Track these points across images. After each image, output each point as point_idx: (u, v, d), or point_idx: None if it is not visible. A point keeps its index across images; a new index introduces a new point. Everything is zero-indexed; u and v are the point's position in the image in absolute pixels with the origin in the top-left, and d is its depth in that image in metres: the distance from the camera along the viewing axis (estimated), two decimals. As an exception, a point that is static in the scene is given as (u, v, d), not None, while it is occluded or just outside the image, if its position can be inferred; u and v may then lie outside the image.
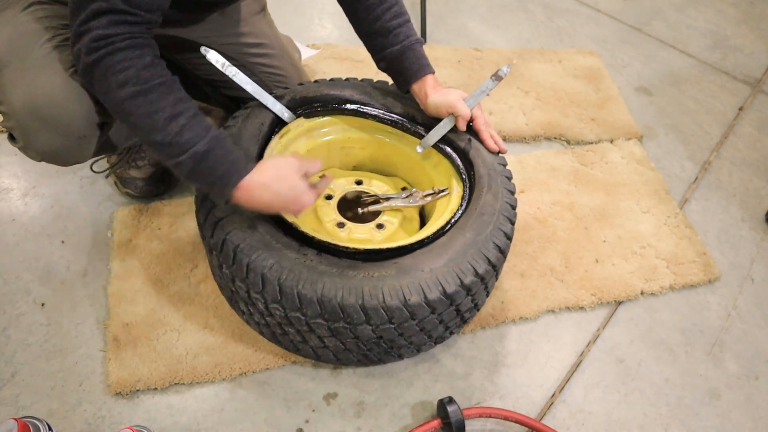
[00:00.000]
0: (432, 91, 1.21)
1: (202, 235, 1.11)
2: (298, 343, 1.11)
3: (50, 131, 1.00)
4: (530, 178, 1.65)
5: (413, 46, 1.19)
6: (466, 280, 1.02)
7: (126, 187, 1.43)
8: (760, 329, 1.40)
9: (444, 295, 1.01)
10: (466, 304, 1.08)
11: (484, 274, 1.05)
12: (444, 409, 1.10)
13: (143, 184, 1.42)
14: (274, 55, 1.38)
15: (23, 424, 0.89)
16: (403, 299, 0.98)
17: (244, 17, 1.34)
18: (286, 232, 1.08)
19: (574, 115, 1.87)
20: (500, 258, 1.09)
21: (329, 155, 1.38)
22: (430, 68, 1.22)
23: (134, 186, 1.42)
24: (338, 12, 1.23)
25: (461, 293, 1.03)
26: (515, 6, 2.33)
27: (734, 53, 2.23)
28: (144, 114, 0.90)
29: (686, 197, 1.67)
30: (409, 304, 0.99)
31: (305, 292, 0.98)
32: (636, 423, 1.21)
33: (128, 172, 1.41)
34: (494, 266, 1.08)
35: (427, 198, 1.26)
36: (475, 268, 1.04)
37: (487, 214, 1.11)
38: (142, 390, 1.15)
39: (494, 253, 1.07)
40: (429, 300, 1.00)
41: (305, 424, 1.14)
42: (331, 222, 1.25)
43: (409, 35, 1.20)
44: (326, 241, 1.06)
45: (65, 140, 1.02)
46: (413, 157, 1.33)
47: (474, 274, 1.03)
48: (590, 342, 1.32)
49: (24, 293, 1.27)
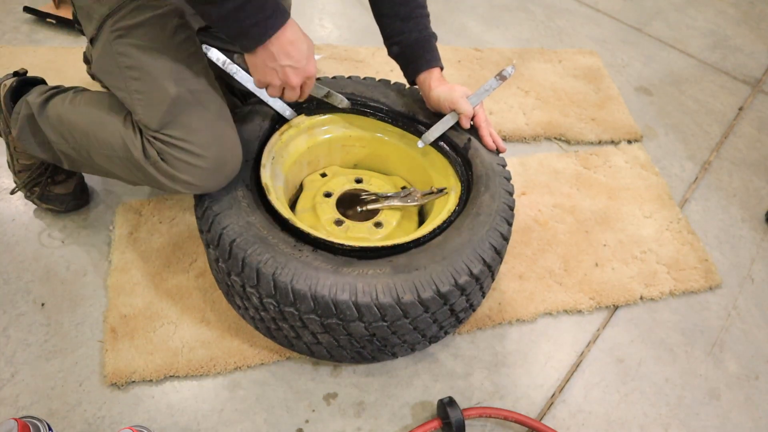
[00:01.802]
0: (436, 83, 1.22)
1: (200, 229, 1.12)
2: (292, 339, 1.11)
3: (222, 177, 1.09)
4: (532, 181, 1.65)
5: (430, 38, 1.22)
6: (460, 279, 1.02)
7: (49, 204, 1.39)
8: (760, 329, 1.40)
9: (437, 294, 1.01)
10: (460, 303, 1.08)
11: (479, 274, 1.05)
12: (444, 410, 1.10)
13: (71, 199, 1.40)
14: None
15: (23, 424, 0.89)
16: (397, 297, 0.99)
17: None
18: (283, 228, 1.08)
19: (574, 115, 1.87)
20: (496, 259, 1.09)
21: (330, 153, 1.38)
22: (440, 63, 1.24)
23: (60, 202, 1.39)
24: (338, 12, 1.23)
25: (455, 293, 1.03)
26: (515, 6, 2.33)
27: (734, 53, 2.23)
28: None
29: (686, 197, 1.67)
30: (402, 303, 0.99)
31: (299, 288, 0.98)
32: (636, 423, 1.21)
33: (52, 190, 1.38)
34: (490, 267, 1.08)
35: (426, 197, 1.27)
36: (470, 268, 1.04)
37: (483, 215, 1.11)
38: (137, 381, 1.15)
39: (490, 253, 1.07)
40: (422, 299, 1.00)
41: (305, 424, 1.14)
42: (329, 219, 1.25)
43: (428, 26, 1.23)
44: (322, 237, 1.07)
45: (224, 183, 1.10)
46: (413, 156, 1.33)
47: (468, 274, 1.03)
48: (590, 342, 1.32)
49: (24, 293, 1.28)
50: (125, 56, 1.06)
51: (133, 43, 1.05)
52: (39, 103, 1.22)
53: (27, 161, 1.34)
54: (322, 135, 1.34)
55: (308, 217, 1.27)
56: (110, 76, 1.10)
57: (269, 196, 1.12)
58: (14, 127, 1.27)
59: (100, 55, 1.10)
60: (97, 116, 1.15)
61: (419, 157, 1.33)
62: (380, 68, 1.91)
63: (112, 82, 1.11)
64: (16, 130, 1.26)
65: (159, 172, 1.09)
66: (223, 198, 1.09)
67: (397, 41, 1.23)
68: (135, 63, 1.06)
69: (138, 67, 1.06)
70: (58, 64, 1.77)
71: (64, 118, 1.20)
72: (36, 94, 1.24)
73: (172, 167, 1.07)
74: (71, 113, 1.19)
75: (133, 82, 1.07)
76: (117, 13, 1.05)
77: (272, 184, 1.17)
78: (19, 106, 1.26)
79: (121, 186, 1.47)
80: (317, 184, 1.35)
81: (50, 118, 1.21)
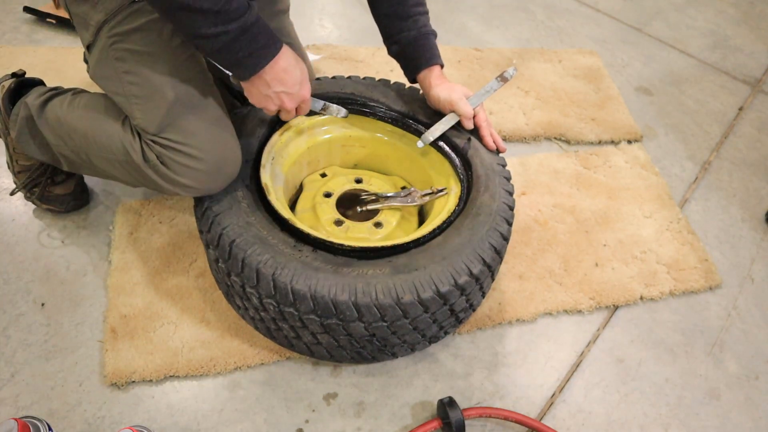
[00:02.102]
0: (437, 82, 1.23)
1: (200, 229, 1.12)
2: (292, 339, 1.11)
3: (221, 179, 1.09)
4: (532, 181, 1.65)
5: (429, 36, 1.22)
6: (460, 280, 1.02)
7: (49, 204, 1.39)
8: (760, 329, 1.40)
9: (437, 295, 1.01)
10: (460, 304, 1.08)
11: (478, 274, 1.05)
12: (444, 410, 1.10)
13: (71, 200, 1.40)
14: None
15: (23, 424, 0.89)
16: (396, 298, 0.99)
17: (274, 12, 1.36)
18: (283, 228, 1.08)
19: (574, 115, 1.87)
20: (496, 259, 1.09)
21: (329, 153, 1.38)
22: (440, 60, 1.24)
23: (60, 202, 1.39)
24: (338, 12, 1.23)
25: (455, 293, 1.03)
26: (515, 6, 2.33)
27: (734, 53, 2.23)
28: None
29: (686, 197, 1.67)
30: (402, 303, 0.99)
31: (299, 288, 0.98)
32: (636, 423, 1.21)
33: (52, 191, 1.38)
34: (489, 267, 1.08)
35: (426, 198, 1.27)
36: (469, 268, 1.04)
37: (483, 215, 1.11)
38: (137, 382, 1.15)
39: (490, 253, 1.07)
40: (422, 299, 1.00)
41: (305, 424, 1.14)
42: (329, 220, 1.25)
43: (427, 24, 1.23)
44: (321, 238, 1.07)
45: (223, 185, 1.11)
46: (413, 156, 1.33)
47: (468, 274, 1.03)
48: (590, 342, 1.32)
49: (24, 293, 1.28)
50: (122, 61, 1.06)
51: (130, 48, 1.05)
52: (38, 105, 1.22)
53: (26, 162, 1.34)
54: (321, 135, 1.34)
55: (308, 218, 1.26)
56: (108, 81, 1.10)
57: (269, 197, 1.12)
58: (13, 129, 1.27)
59: (98, 60, 1.10)
60: (96, 119, 1.15)
61: (419, 157, 1.33)
62: (380, 68, 1.91)
63: (110, 87, 1.11)
64: (15, 132, 1.26)
65: (158, 176, 1.09)
66: (223, 198, 1.09)
67: (396, 40, 1.23)
68: (132, 68, 1.06)
69: (135, 72, 1.06)
70: (58, 64, 1.77)
71: (63, 120, 1.20)
72: (35, 95, 1.24)
73: (171, 170, 1.07)
74: (70, 116, 1.19)
75: (130, 86, 1.07)
76: (113, 18, 1.05)
77: (272, 185, 1.17)
78: (18, 107, 1.25)
79: (121, 187, 1.47)
80: (317, 184, 1.35)
81: (49, 121, 1.21)
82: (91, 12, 1.06)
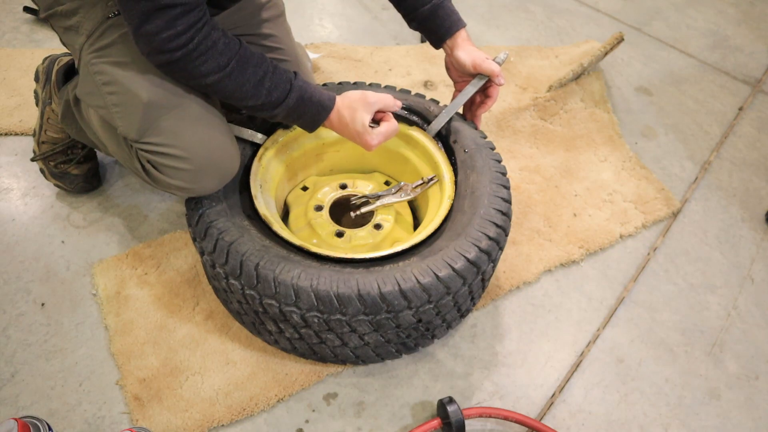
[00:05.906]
0: (460, 45, 1.25)
1: (194, 237, 1.11)
2: (336, 348, 1.11)
3: (215, 178, 1.10)
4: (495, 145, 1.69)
5: (443, 4, 1.23)
6: (482, 245, 1.06)
7: (59, 181, 1.42)
8: (760, 329, 1.40)
9: (469, 263, 1.04)
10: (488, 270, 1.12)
11: (496, 236, 1.09)
12: (444, 409, 1.10)
13: (81, 181, 1.43)
14: (289, 62, 1.38)
15: (23, 424, 0.89)
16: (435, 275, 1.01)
17: (265, 19, 1.36)
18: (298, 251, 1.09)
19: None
20: (506, 220, 1.13)
21: (305, 165, 1.36)
22: (462, 22, 1.26)
23: (70, 182, 1.42)
24: (338, 12, 1.23)
25: (482, 257, 1.07)
26: (515, 6, 2.33)
27: (734, 53, 2.23)
28: (233, 90, 1.01)
29: (686, 197, 1.67)
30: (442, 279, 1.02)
31: (343, 291, 0.99)
32: (636, 423, 1.21)
33: (66, 168, 1.40)
34: (503, 228, 1.12)
35: (418, 189, 1.27)
36: (486, 233, 1.08)
37: (478, 190, 1.15)
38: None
39: (499, 216, 1.12)
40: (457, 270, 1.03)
41: (305, 424, 1.14)
42: (329, 234, 1.24)
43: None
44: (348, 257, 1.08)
45: (221, 183, 1.12)
46: (389, 149, 1.33)
47: (488, 238, 1.07)
48: (590, 342, 1.32)
49: (24, 293, 1.27)
50: (101, 74, 1.07)
51: (108, 61, 1.06)
52: (74, 96, 1.23)
53: (56, 134, 1.38)
54: (296, 150, 1.31)
55: (307, 236, 1.25)
56: (91, 96, 1.11)
57: (274, 228, 1.11)
58: (57, 105, 1.29)
59: (81, 78, 1.12)
60: (109, 129, 1.16)
61: (398, 149, 1.32)
62: (379, 67, 1.91)
63: (93, 101, 1.11)
64: (60, 111, 1.29)
65: (155, 182, 1.10)
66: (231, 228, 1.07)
67: (414, 17, 1.25)
68: (110, 78, 1.06)
69: (112, 82, 1.06)
70: (58, 64, 1.76)
71: (87, 122, 1.22)
72: (74, 84, 1.24)
73: (163, 174, 1.08)
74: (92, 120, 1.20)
75: (110, 96, 1.07)
76: (91, 36, 1.06)
77: (270, 214, 1.16)
78: (66, 88, 1.27)
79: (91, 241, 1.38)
80: (303, 199, 1.33)
81: (82, 114, 1.23)
82: (75, 37, 1.09)
